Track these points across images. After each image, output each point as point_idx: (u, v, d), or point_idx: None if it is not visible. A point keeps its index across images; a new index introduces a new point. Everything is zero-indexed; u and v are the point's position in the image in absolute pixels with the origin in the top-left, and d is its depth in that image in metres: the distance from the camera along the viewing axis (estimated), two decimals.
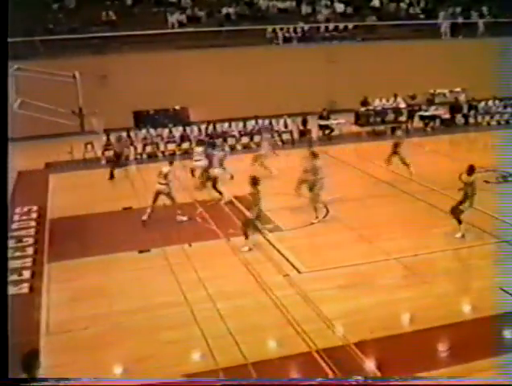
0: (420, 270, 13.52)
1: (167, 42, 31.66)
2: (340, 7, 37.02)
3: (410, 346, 10.63)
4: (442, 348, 10.81)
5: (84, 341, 11.31)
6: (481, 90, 29.00)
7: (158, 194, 17.37)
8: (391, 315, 11.82)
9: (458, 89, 31.05)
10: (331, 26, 35.52)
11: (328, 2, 37.11)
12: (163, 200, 17.54)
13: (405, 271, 13.71)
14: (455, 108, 29.84)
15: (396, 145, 20.76)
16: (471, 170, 15.06)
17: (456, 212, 15.29)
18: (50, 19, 32.25)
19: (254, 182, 15.30)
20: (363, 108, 29.21)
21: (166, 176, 17.43)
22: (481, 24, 36.81)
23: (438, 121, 29.41)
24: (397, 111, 29.47)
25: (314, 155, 17.91)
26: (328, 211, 17.56)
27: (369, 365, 10.18)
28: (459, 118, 29.80)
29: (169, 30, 32.92)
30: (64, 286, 13.65)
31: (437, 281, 13.09)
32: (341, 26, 35.58)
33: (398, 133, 21.61)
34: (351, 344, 10.70)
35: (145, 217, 17.18)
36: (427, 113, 29.36)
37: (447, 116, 29.51)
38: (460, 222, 15.26)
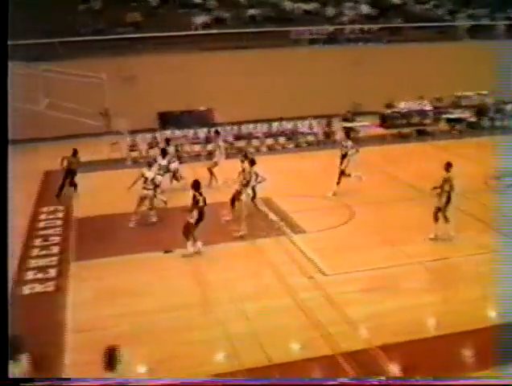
0: (444, 274, 13.48)
1: (192, 43, 31.73)
2: (365, 9, 36.90)
3: (434, 350, 10.58)
4: (466, 353, 10.75)
5: (108, 340, 11.32)
6: (509, 93, 28.68)
7: (142, 199, 17.63)
8: (415, 319, 11.79)
9: (485, 92, 30.71)
10: (356, 27, 35.41)
11: (353, 4, 37.01)
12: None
13: (429, 275, 13.66)
14: (481, 110, 29.57)
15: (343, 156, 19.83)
16: (448, 166, 15.46)
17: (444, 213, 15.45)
18: (76, 21, 32.54)
19: (196, 186, 15.16)
20: (388, 111, 29.05)
21: (152, 181, 17.67)
22: (503, 26, 36.45)
23: (464, 124, 29.15)
24: (422, 113, 29.26)
25: (251, 162, 17.39)
26: (353, 214, 17.51)
27: (393, 369, 10.15)
28: (485, 121, 29.50)
29: (194, 32, 33.02)
30: (89, 285, 13.76)
31: (461, 285, 13.01)
32: (366, 27, 35.46)
33: (348, 143, 20.47)
34: (375, 347, 10.68)
35: (132, 224, 17.35)
36: (453, 116, 29.12)
37: (473, 119, 29.25)
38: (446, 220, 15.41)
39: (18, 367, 7.66)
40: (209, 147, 24.05)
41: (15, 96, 18.84)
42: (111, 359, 7.93)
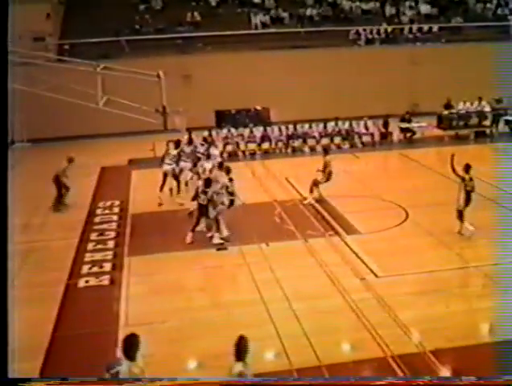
0: (501, 280, 13.17)
1: (250, 42, 31.91)
2: (425, 8, 36.44)
3: (488, 357, 10.36)
4: None
5: (162, 334, 11.53)
6: None
7: (165, 175, 18.77)
8: (469, 324, 11.59)
9: None
10: (414, 27, 34.99)
11: (413, 3, 36.59)
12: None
13: (485, 280, 13.40)
14: None
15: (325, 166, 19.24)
16: (468, 167, 15.71)
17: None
18: (137, 20, 33.11)
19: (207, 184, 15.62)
20: (446, 112, 28.61)
21: (174, 157, 18.77)
22: None
23: None
24: (481, 115, 28.72)
25: (226, 171, 17.13)
26: (407, 216, 17.32)
27: (445, 374, 10.00)
28: None
29: (252, 31, 33.18)
30: (144, 280, 13.98)
31: None
32: (425, 27, 35.02)
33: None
34: (427, 351, 10.54)
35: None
36: None
37: None
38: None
39: (138, 367, 7.79)
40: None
41: (75, 93, 19.34)
42: (241, 349, 8.00)
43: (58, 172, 19.40)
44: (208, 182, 15.88)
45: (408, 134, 27.76)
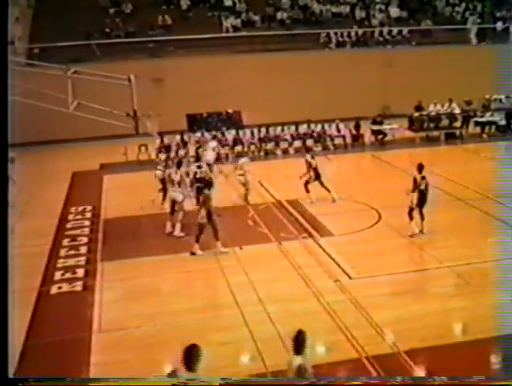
0: (474, 280, 13.29)
1: (222, 46, 31.91)
2: (394, 11, 36.75)
3: (462, 356, 10.45)
4: (495, 360, 10.60)
5: (135, 340, 11.47)
6: None
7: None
8: (443, 324, 11.67)
9: None
10: (385, 30, 35.25)
11: (383, 6, 36.88)
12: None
13: (458, 280, 13.50)
14: (511, 114, 29.22)
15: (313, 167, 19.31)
16: (420, 167, 15.86)
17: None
18: (107, 23, 32.90)
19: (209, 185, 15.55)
20: (417, 114, 28.85)
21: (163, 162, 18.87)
22: None
23: (494, 128, 28.84)
24: (451, 116, 29.03)
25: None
26: (380, 217, 17.42)
27: (419, 373, 10.07)
28: None
29: (224, 35, 33.17)
30: (117, 285, 13.89)
31: (491, 291, 12.83)
32: (396, 30, 35.29)
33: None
34: (401, 352, 10.59)
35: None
36: (482, 119, 28.85)
37: (503, 122, 28.91)
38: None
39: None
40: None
41: (45, 98, 19.14)
42: (299, 343, 8.05)
43: None
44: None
45: (380, 136, 27.94)
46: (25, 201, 19.22)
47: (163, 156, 20.28)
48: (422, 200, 15.78)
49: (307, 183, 18.99)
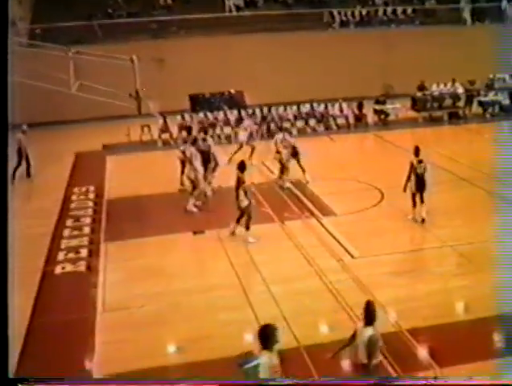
0: (476, 259, 13.31)
1: (224, 26, 31.73)
2: None
3: (464, 335, 10.51)
4: (497, 338, 10.64)
5: (139, 319, 11.52)
6: None
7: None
8: (445, 303, 11.71)
9: None
10: (389, 10, 35.01)
11: None
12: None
13: (460, 259, 13.54)
14: None
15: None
16: (417, 150, 15.49)
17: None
18: (109, 4, 32.73)
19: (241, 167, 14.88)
20: (420, 93, 28.74)
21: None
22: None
23: (497, 107, 28.71)
24: (455, 96, 28.90)
25: None
26: (383, 197, 17.42)
27: (422, 352, 10.13)
28: None
29: (226, 14, 32.99)
30: (121, 265, 13.93)
31: (493, 270, 12.85)
32: (400, 9, 35.05)
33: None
34: (404, 330, 10.65)
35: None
36: (485, 99, 28.70)
37: (506, 102, 28.77)
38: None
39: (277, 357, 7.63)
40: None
41: (48, 79, 19.13)
42: (370, 313, 8.17)
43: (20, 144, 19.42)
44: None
45: (382, 116, 27.85)
46: (28, 182, 19.22)
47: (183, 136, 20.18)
48: (420, 184, 15.36)
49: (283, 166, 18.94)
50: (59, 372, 8.99)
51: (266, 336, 7.55)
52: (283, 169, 18.90)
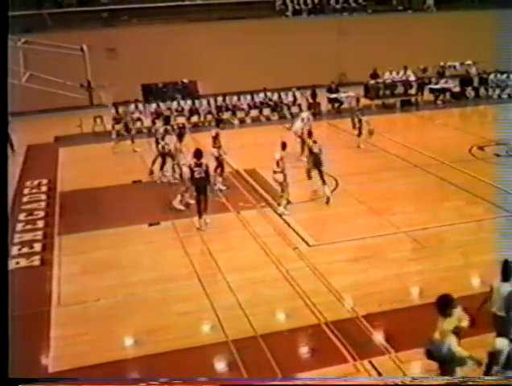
0: (430, 244, 13.54)
1: (177, 14, 31.48)
2: None
3: (419, 319, 10.62)
4: None
5: (95, 312, 11.43)
6: (493, 63, 28.62)
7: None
8: (400, 288, 11.86)
9: (469, 62, 30.65)
10: None
11: None
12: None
13: (414, 244, 13.73)
14: (465, 81, 29.55)
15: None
16: (309, 133, 17.30)
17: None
18: None
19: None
20: (372, 81, 28.99)
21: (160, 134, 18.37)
22: None
23: (448, 94, 29.13)
24: (407, 84, 29.24)
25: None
26: (337, 184, 17.54)
27: (377, 338, 10.26)
28: (469, 91, 29.48)
29: (179, 3, 32.69)
30: (76, 259, 13.75)
31: (447, 254, 13.10)
32: None
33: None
34: (360, 317, 10.77)
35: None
36: (437, 86, 29.08)
37: (457, 89, 29.22)
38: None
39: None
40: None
41: None
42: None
43: None
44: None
45: (336, 104, 28.01)
46: None
47: (161, 128, 19.56)
48: (317, 162, 16.41)
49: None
50: (13, 368, 8.84)
51: (444, 304, 8.01)
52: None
